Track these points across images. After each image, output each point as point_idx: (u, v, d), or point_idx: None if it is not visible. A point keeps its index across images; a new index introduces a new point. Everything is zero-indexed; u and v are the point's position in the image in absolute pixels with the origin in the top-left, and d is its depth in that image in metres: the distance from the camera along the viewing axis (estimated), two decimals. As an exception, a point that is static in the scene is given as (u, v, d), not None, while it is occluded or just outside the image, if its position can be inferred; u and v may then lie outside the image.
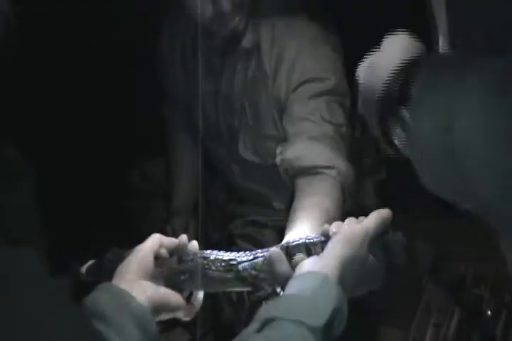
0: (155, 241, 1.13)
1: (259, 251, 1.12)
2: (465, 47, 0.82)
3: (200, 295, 1.15)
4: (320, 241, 1.05)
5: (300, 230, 1.31)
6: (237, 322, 1.79)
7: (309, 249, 1.05)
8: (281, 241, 1.27)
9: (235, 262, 1.10)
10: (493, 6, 0.77)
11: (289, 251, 1.07)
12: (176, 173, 2.17)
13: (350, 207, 1.58)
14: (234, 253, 1.12)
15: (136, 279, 1.06)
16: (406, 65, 0.89)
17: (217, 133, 1.98)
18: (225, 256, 1.12)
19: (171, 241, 1.15)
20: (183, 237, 1.16)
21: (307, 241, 1.06)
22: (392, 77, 0.89)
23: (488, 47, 0.77)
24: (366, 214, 1.08)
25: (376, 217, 1.04)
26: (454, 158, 0.74)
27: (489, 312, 1.05)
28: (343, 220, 1.10)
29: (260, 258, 1.09)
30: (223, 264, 1.10)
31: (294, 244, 1.07)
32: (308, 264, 1.00)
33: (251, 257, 1.10)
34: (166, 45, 2.02)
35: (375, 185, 2.02)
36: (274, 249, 1.06)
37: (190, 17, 1.76)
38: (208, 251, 1.13)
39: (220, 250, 1.14)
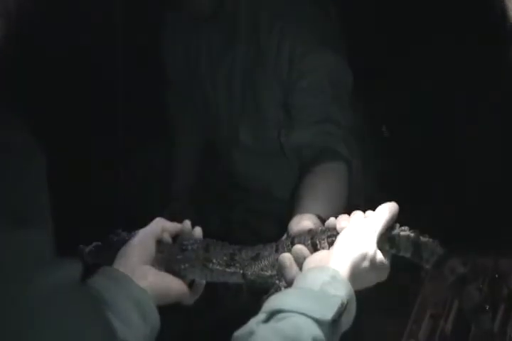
0: (158, 226, 1.13)
1: (262, 246, 1.10)
2: None
3: (203, 280, 1.15)
4: (327, 236, 1.04)
5: (306, 212, 1.30)
6: (235, 310, 1.79)
7: (315, 243, 1.04)
8: (281, 229, 1.27)
9: (236, 257, 1.08)
10: None
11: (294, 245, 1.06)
12: (176, 159, 2.17)
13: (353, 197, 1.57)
14: (237, 247, 1.10)
15: (138, 263, 1.06)
16: None
17: (218, 120, 1.98)
18: (227, 249, 1.10)
19: (174, 225, 1.14)
20: (187, 223, 1.15)
21: (314, 236, 1.05)
22: None
23: None
24: (368, 205, 1.08)
25: (384, 211, 1.03)
26: None
27: (487, 306, 1.05)
28: (348, 205, 1.09)
29: (266, 259, 1.07)
30: (224, 258, 1.09)
31: (300, 238, 1.06)
32: (317, 259, 1.00)
33: (254, 254, 1.08)
34: (169, 34, 2.01)
35: (378, 174, 2.02)
36: (284, 255, 1.03)
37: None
38: (210, 243, 1.12)
39: (223, 241, 1.13)
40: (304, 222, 1.21)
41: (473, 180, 2.16)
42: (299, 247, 1.03)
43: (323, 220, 1.27)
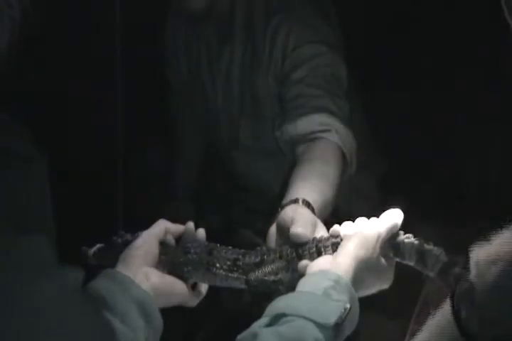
0: (161, 227, 1.12)
1: (265, 250, 1.10)
2: None
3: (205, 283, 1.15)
4: (331, 243, 1.05)
5: (293, 197, 1.28)
6: (237, 312, 1.79)
7: (320, 251, 1.05)
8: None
9: (240, 262, 1.08)
10: None
11: (299, 254, 1.06)
12: (176, 159, 2.17)
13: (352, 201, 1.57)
14: (240, 252, 1.10)
15: (141, 265, 1.06)
16: None
17: (218, 120, 1.98)
18: (231, 254, 1.10)
19: (177, 227, 1.14)
20: (190, 224, 1.15)
21: (318, 243, 1.05)
22: None
23: None
24: (368, 205, 1.08)
25: (388, 218, 1.03)
26: None
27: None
28: (349, 206, 1.09)
29: (269, 265, 1.07)
30: (228, 263, 1.08)
31: (305, 246, 1.06)
32: (321, 263, 1.00)
33: (258, 260, 1.08)
34: (169, 34, 2.01)
35: (377, 177, 2.02)
36: (304, 262, 1.04)
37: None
38: (213, 247, 1.11)
39: (224, 242, 1.13)
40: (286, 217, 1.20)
41: (474, 180, 2.16)
42: (305, 262, 1.04)
43: (308, 204, 1.25)
